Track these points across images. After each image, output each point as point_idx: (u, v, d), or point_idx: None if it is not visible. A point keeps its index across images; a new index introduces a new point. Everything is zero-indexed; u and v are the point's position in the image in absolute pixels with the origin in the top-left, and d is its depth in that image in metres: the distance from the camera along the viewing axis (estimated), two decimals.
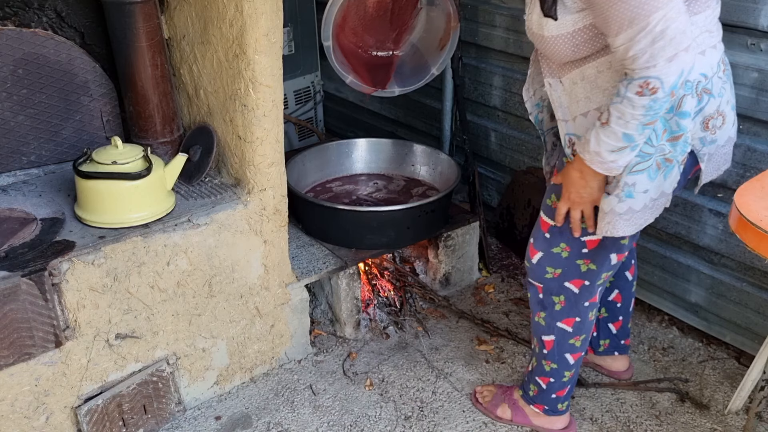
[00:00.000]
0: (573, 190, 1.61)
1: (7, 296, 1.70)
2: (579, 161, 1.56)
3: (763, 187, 1.41)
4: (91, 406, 1.93)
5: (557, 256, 1.79)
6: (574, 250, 1.76)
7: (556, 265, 1.81)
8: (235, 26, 1.89)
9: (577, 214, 1.66)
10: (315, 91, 3.50)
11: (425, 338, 2.51)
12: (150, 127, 2.15)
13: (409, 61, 2.55)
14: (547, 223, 1.78)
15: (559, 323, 1.89)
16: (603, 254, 1.76)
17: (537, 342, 1.97)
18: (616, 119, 1.42)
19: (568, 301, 1.85)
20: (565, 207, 1.66)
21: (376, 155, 2.92)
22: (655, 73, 1.35)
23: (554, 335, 1.91)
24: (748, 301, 2.22)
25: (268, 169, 2.07)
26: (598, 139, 1.47)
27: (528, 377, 2.06)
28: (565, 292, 1.84)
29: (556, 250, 1.79)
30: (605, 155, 1.48)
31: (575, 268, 1.79)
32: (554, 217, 1.74)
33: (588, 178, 1.57)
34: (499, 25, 2.68)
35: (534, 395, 2.04)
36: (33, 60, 2.03)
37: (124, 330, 1.95)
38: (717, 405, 2.18)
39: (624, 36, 1.36)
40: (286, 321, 2.32)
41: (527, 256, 1.88)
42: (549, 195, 1.77)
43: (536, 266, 1.85)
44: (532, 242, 1.85)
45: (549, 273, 1.83)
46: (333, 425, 2.15)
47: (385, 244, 2.50)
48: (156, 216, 1.95)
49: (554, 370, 1.95)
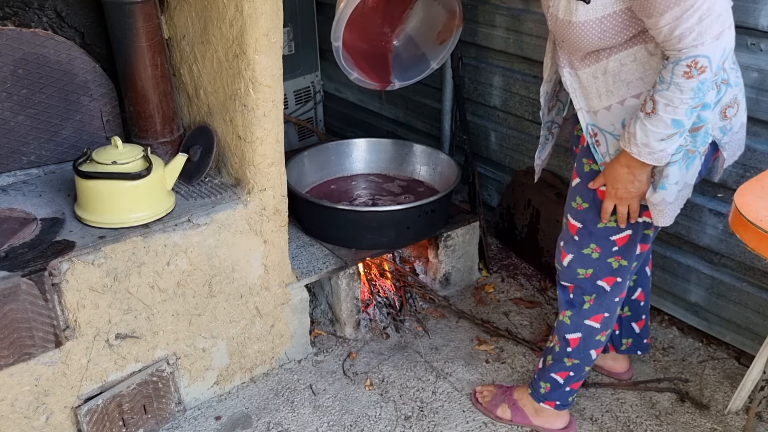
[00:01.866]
0: (620, 187, 1.59)
1: (7, 296, 1.70)
2: (625, 157, 1.54)
3: (763, 187, 1.41)
4: (91, 406, 1.93)
5: (588, 257, 1.79)
6: (605, 250, 1.76)
7: (587, 266, 1.80)
8: (235, 26, 1.89)
9: (624, 210, 1.64)
10: (315, 91, 3.51)
11: (425, 338, 2.51)
12: (150, 127, 2.14)
13: (404, 52, 2.54)
14: (575, 226, 1.78)
15: (587, 321, 1.88)
16: (632, 249, 1.76)
17: (558, 341, 1.94)
18: (664, 106, 1.41)
19: (598, 298, 1.85)
20: (612, 204, 1.64)
21: (376, 155, 2.92)
22: (704, 51, 1.33)
23: (581, 332, 1.90)
24: (748, 301, 2.22)
25: (268, 169, 2.07)
26: (645, 130, 1.46)
27: (539, 375, 2.04)
28: (597, 290, 1.84)
29: (587, 251, 1.78)
30: (654, 145, 1.47)
31: (607, 267, 1.79)
32: (582, 219, 1.73)
33: (636, 172, 1.55)
34: (499, 25, 2.68)
35: (546, 392, 2.02)
36: (33, 60, 2.03)
37: (124, 330, 1.95)
38: (717, 405, 2.18)
39: (670, 15, 1.33)
40: (286, 321, 2.32)
41: (557, 259, 1.87)
42: (573, 197, 1.76)
43: (567, 269, 1.84)
44: (562, 245, 1.84)
45: (581, 274, 1.82)
46: (333, 425, 2.15)
47: (385, 244, 2.50)
48: (156, 216, 1.95)
49: (575, 366, 1.94)
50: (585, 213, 1.75)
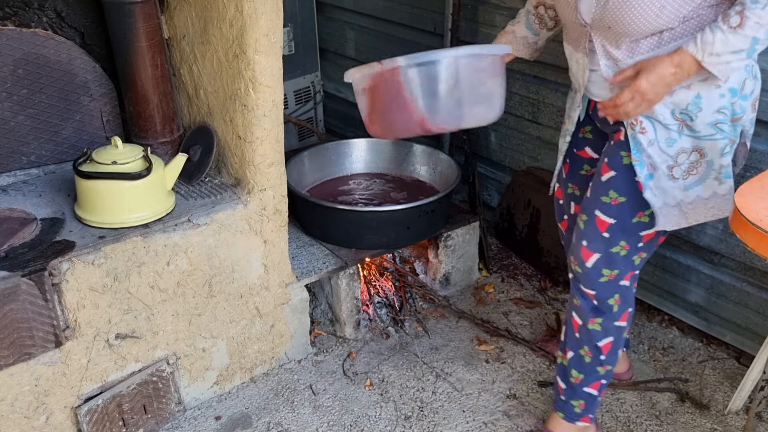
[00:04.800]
0: (656, 83, 1.51)
1: (7, 296, 1.70)
2: (683, 60, 1.48)
3: (763, 187, 1.41)
4: (91, 406, 1.93)
5: (615, 255, 1.74)
6: (632, 247, 1.73)
7: (613, 266, 1.75)
8: (235, 26, 1.89)
9: (629, 103, 1.55)
10: (315, 91, 3.51)
11: (425, 338, 2.51)
12: (150, 127, 2.14)
13: None
14: (606, 222, 1.71)
15: (616, 322, 1.83)
16: (654, 243, 1.75)
17: (590, 350, 1.86)
18: (753, 24, 1.41)
19: (622, 297, 1.80)
20: (631, 95, 1.54)
21: (376, 155, 2.92)
22: None
23: (612, 336, 1.84)
24: (748, 301, 2.22)
25: (268, 169, 2.07)
26: (725, 42, 1.43)
27: (568, 395, 1.95)
28: (620, 290, 1.79)
29: (615, 249, 1.73)
30: (726, 56, 1.45)
31: (630, 264, 1.76)
32: (616, 215, 1.69)
33: (681, 77, 1.50)
34: (499, 25, 2.68)
35: (582, 410, 1.94)
36: (33, 60, 2.03)
37: (124, 330, 1.95)
38: (717, 405, 2.18)
39: None
40: (286, 321, 2.32)
41: (579, 260, 1.79)
42: (604, 192, 1.71)
43: (591, 270, 1.76)
44: (586, 244, 1.76)
45: (604, 276, 1.76)
46: (333, 425, 2.15)
47: (385, 244, 2.50)
48: (156, 216, 1.95)
49: (608, 372, 1.89)
50: (620, 207, 1.69)
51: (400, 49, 3.16)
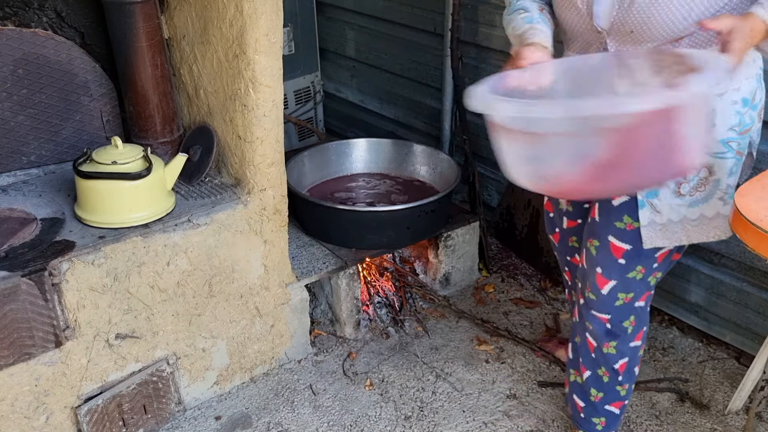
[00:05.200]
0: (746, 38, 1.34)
1: (7, 296, 1.70)
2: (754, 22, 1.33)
3: (763, 187, 1.41)
4: (91, 406, 1.93)
5: (631, 280, 1.69)
6: (648, 269, 1.68)
7: (628, 290, 1.70)
8: (235, 26, 1.89)
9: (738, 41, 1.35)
10: (315, 91, 3.51)
11: (425, 338, 2.51)
12: (150, 127, 2.14)
13: None
14: (622, 248, 1.65)
15: (631, 343, 1.79)
16: (668, 261, 1.70)
17: (607, 371, 1.82)
18: None
19: (637, 318, 1.76)
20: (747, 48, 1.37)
21: (376, 155, 2.92)
22: None
23: (627, 357, 1.81)
24: (748, 301, 2.22)
25: (268, 169, 2.07)
26: None
27: (588, 413, 1.92)
28: (635, 311, 1.74)
29: (632, 274, 1.68)
30: None
31: (645, 286, 1.71)
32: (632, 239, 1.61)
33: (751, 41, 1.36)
34: (499, 25, 2.68)
35: (603, 427, 1.92)
36: (33, 60, 2.03)
37: (124, 330, 1.95)
38: (717, 405, 2.18)
39: None
40: (286, 321, 2.32)
41: (593, 287, 1.73)
42: (619, 217, 1.64)
43: (607, 297, 1.71)
44: (600, 272, 1.70)
45: (620, 300, 1.72)
46: (333, 425, 2.15)
47: (385, 244, 2.49)
48: (156, 216, 1.95)
49: (628, 389, 1.87)
50: (635, 233, 1.62)
51: (400, 49, 3.16)
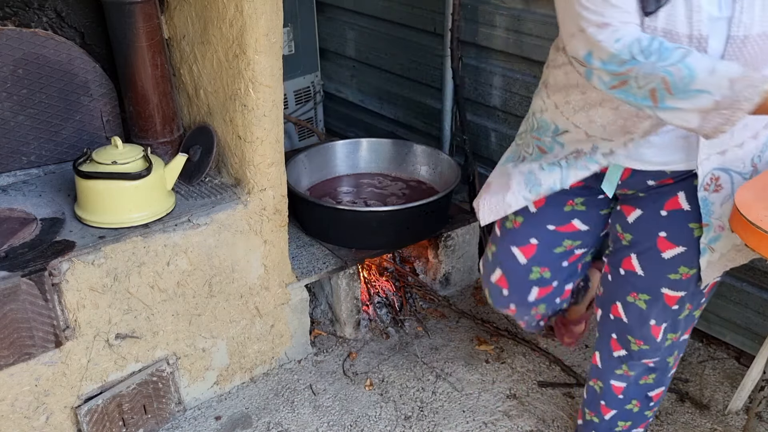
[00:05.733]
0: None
1: (7, 296, 1.70)
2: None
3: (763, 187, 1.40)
4: (91, 406, 1.93)
5: (681, 320, 1.63)
6: (696, 305, 1.63)
7: (677, 329, 1.65)
8: (235, 26, 1.89)
9: None
10: (315, 91, 3.51)
11: (425, 338, 2.51)
12: (150, 127, 2.14)
13: None
14: (676, 297, 1.58)
15: (670, 373, 1.76)
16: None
17: (638, 401, 1.78)
18: None
19: (680, 350, 1.72)
20: None
21: (376, 155, 2.92)
22: None
23: (664, 386, 1.78)
24: (748, 301, 2.22)
25: (268, 169, 2.07)
26: None
27: None
28: (680, 346, 1.70)
29: (682, 315, 1.63)
30: None
31: (692, 320, 1.66)
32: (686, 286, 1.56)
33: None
34: (499, 25, 2.68)
35: None
36: (33, 60, 2.03)
37: (124, 330, 1.95)
38: (717, 405, 2.18)
39: None
40: (286, 321, 2.32)
41: (647, 339, 1.65)
42: (674, 269, 1.55)
43: (660, 342, 1.65)
44: (655, 323, 1.62)
45: (669, 340, 1.66)
46: (333, 425, 2.15)
47: (385, 244, 2.49)
48: (156, 216, 1.95)
49: (655, 412, 1.85)
50: (691, 279, 1.56)
51: (400, 49, 3.16)
